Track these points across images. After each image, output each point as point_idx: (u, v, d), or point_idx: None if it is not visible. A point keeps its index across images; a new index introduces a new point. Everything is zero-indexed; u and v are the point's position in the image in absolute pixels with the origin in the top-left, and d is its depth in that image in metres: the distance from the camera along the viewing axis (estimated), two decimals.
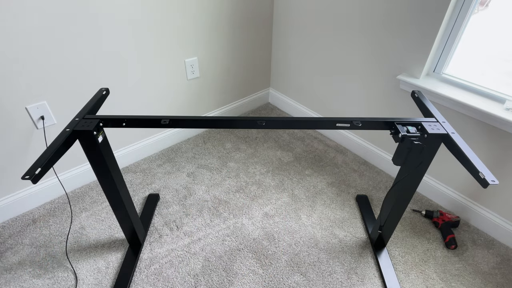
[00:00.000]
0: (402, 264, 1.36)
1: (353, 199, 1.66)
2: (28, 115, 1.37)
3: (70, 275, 1.30)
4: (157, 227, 1.50)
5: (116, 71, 1.53)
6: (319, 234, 1.47)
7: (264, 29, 2.07)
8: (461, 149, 0.87)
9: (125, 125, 1.02)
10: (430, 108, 1.06)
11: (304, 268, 1.34)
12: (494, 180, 0.78)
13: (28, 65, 1.28)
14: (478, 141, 1.36)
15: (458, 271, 1.33)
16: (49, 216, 1.54)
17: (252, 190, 1.70)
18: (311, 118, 1.02)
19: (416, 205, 1.62)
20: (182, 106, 1.92)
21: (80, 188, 1.70)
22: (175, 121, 1.01)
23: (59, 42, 1.31)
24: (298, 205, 1.61)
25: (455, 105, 1.36)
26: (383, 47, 1.53)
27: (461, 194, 1.53)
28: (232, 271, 1.32)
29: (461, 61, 1.42)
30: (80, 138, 0.97)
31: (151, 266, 1.33)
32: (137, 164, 1.86)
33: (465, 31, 1.31)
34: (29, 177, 0.76)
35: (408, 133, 0.93)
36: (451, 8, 1.26)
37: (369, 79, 1.67)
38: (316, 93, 2.04)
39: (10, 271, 1.31)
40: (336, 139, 2.05)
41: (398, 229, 1.50)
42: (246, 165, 1.86)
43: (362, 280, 1.29)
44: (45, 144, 1.47)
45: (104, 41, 1.43)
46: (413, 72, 1.46)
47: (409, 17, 1.37)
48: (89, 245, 1.42)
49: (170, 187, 1.71)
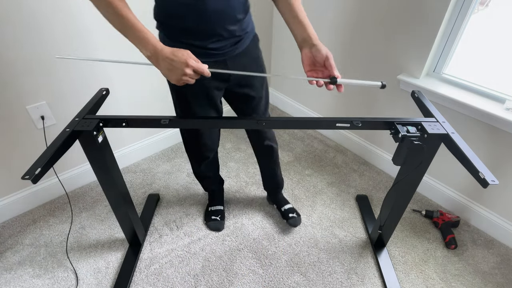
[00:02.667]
0: (402, 264, 1.35)
1: (353, 199, 1.66)
2: (28, 115, 1.37)
3: (70, 275, 1.30)
4: (157, 227, 1.50)
5: (116, 71, 1.53)
6: (319, 234, 1.47)
7: (264, 29, 2.07)
8: (461, 149, 0.87)
9: (125, 125, 1.02)
10: (430, 108, 1.06)
11: (304, 268, 1.34)
12: (494, 180, 0.78)
13: (28, 65, 1.28)
14: (478, 141, 1.36)
15: (458, 271, 1.33)
16: (49, 216, 1.54)
17: (252, 190, 1.70)
18: (311, 118, 1.02)
19: (416, 205, 1.62)
20: None
21: (80, 188, 1.70)
22: (175, 121, 1.01)
23: (59, 42, 1.31)
24: (298, 205, 1.61)
25: (455, 105, 1.36)
26: (383, 47, 1.53)
27: (461, 194, 1.53)
28: (232, 271, 1.32)
29: (461, 61, 1.42)
30: (80, 138, 0.97)
31: (151, 266, 1.33)
32: (137, 164, 1.86)
33: (465, 31, 1.31)
34: (29, 177, 0.76)
35: (408, 133, 0.93)
36: (451, 7, 1.26)
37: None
38: (316, 93, 2.04)
39: (10, 271, 1.31)
40: (336, 139, 2.05)
41: (398, 229, 1.50)
42: (246, 165, 1.86)
43: (362, 280, 1.29)
44: (45, 144, 1.47)
45: (104, 41, 1.43)
46: (413, 72, 1.46)
47: (409, 17, 1.37)
48: (89, 245, 1.42)
49: (170, 187, 1.71)
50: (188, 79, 0.80)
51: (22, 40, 1.22)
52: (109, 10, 0.76)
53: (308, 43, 0.87)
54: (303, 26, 0.88)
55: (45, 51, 1.29)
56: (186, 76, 0.79)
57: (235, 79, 1.05)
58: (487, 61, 1.50)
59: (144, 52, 0.79)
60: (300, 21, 0.89)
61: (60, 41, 1.31)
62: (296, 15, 0.89)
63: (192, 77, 0.81)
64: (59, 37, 1.30)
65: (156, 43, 0.79)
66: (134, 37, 0.79)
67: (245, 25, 0.98)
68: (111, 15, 0.77)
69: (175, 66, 0.78)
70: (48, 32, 1.26)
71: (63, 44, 1.33)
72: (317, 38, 0.88)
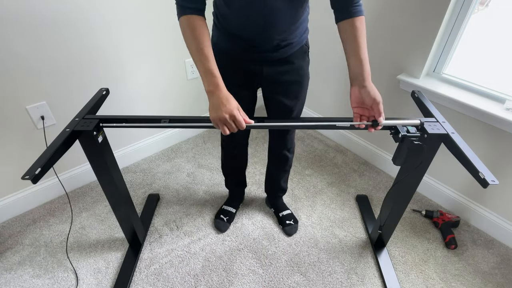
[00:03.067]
0: (402, 264, 1.35)
1: (353, 199, 1.66)
2: (28, 115, 1.37)
3: (70, 275, 1.30)
4: (157, 227, 1.50)
5: (116, 71, 1.53)
6: (319, 234, 1.47)
7: None
8: (461, 149, 0.87)
9: (125, 125, 1.02)
10: (430, 108, 1.06)
11: (304, 268, 1.34)
12: (494, 180, 0.78)
13: (28, 65, 1.28)
14: (478, 141, 1.36)
15: (458, 271, 1.33)
16: (49, 216, 1.54)
17: (252, 190, 1.70)
18: (311, 118, 1.02)
19: (416, 205, 1.62)
20: (182, 106, 1.92)
21: (80, 188, 1.70)
22: (175, 121, 1.01)
23: (59, 42, 1.31)
24: (298, 205, 1.61)
25: (455, 105, 1.36)
26: (383, 47, 1.53)
27: (461, 194, 1.53)
28: (232, 271, 1.32)
29: (461, 61, 1.42)
30: (80, 138, 0.97)
31: (151, 266, 1.33)
32: (137, 164, 1.86)
33: (465, 31, 1.31)
34: (29, 177, 0.76)
35: (408, 133, 0.93)
36: (451, 7, 1.26)
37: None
38: (316, 93, 2.04)
39: (10, 271, 1.31)
40: (336, 139, 2.05)
41: (398, 229, 1.50)
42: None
43: (362, 280, 1.29)
44: (45, 144, 1.47)
45: (104, 41, 1.43)
46: (413, 72, 1.46)
47: (409, 17, 1.37)
48: (89, 245, 1.42)
49: (170, 187, 1.71)
50: (224, 127, 0.84)
51: (22, 40, 1.22)
52: (193, 43, 0.83)
53: (360, 82, 0.86)
54: (360, 62, 0.86)
55: (45, 50, 1.29)
56: (224, 122, 0.83)
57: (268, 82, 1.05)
58: (487, 61, 1.50)
59: (206, 86, 0.84)
60: (358, 56, 0.86)
61: (60, 41, 1.31)
62: (356, 49, 0.86)
63: (228, 126, 0.84)
64: (59, 37, 1.30)
65: (219, 83, 0.84)
66: (205, 71, 0.83)
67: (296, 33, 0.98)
68: (193, 46, 0.83)
69: (221, 109, 0.82)
70: (48, 31, 1.26)
71: (63, 44, 1.33)
72: (369, 78, 0.86)
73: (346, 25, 0.87)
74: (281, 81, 1.04)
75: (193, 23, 0.82)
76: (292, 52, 1.01)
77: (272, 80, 1.04)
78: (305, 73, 1.08)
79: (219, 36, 0.99)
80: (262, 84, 1.08)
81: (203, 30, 0.83)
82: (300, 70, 1.06)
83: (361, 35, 0.86)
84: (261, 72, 1.01)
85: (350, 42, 0.87)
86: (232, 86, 1.02)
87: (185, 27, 0.83)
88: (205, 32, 0.84)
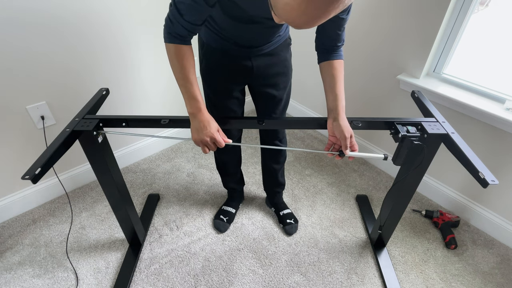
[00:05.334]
0: (402, 264, 1.35)
1: (353, 199, 1.66)
2: (28, 115, 1.37)
3: (70, 275, 1.30)
4: (157, 227, 1.50)
5: (116, 71, 1.53)
6: (319, 234, 1.47)
7: None
8: (461, 149, 0.87)
9: (125, 125, 1.02)
10: (430, 108, 1.06)
11: (304, 268, 1.34)
12: (494, 180, 0.78)
13: (28, 65, 1.28)
14: (478, 141, 1.36)
15: (458, 271, 1.33)
16: (49, 216, 1.54)
17: (252, 190, 1.70)
18: (311, 118, 1.02)
19: (416, 205, 1.62)
20: (182, 106, 1.92)
21: (80, 188, 1.70)
22: (175, 121, 1.01)
23: (59, 42, 1.31)
24: (298, 205, 1.61)
25: (455, 105, 1.36)
26: (383, 47, 1.53)
27: (461, 194, 1.53)
28: (232, 271, 1.32)
29: (461, 61, 1.42)
30: (80, 138, 0.97)
31: (151, 266, 1.33)
32: (137, 164, 1.86)
33: (465, 31, 1.31)
34: (29, 177, 0.76)
35: (408, 133, 0.93)
36: (451, 7, 1.26)
37: (369, 79, 1.67)
38: (317, 93, 2.04)
39: (10, 271, 1.31)
40: None
41: (398, 229, 1.50)
42: (246, 165, 1.86)
43: (362, 280, 1.29)
44: (45, 144, 1.47)
45: (104, 41, 1.43)
46: (413, 72, 1.46)
47: (409, 17, 1.37)
48: (89, 245, 1.42)
49: (170, 187, 1.71)
50: (204, 147, 0.92)
51: (22, 40, 1.22)
52: (180, 70, 0.87)
53: (334, 115, 0.97)
54: (336, 97, 0.97)
55: (45, 50, 1.29)
56: (205, 144, 0.91)
57: (257, 75, 1.10)
58: (487, 61, 1.50)
59: (189, 108, 0.91)
60: (334, 92, 0.97)
61: (61, 41, 1.31)
62: (333, 86, 0.97)
63: (208, 147, 0.92)
64: (59, 37, 1.30)
65: (202, 107, 0.91)
66: (189, 95, 0.89)
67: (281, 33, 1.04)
68: (179, 73, 0.88)
69: (202, 132, 0.90)
70: (48, 31, 1.27)
71: (64, 44, 1.33)
72: (343, 113, 0.97)
73: (327, 65, 0.98)
74: (269, 73, 1.10)
75: (181, 51, 0.86)
76: (278, 45, 1.07)
77: (261, 74, 1.10)
78: (289, 64, 1.15)
79: (210, 36, 1.02)
80: (252, 78, 1.12)
81: (190, 58, 0.88)
82: (286, 62, 1.13)
83: (338, 74, 0.97)
84: (251, 67, 1.06)
85: (328, 79, 0.98)
86: (224, 82, 1.09)
87: (172, 54, 0.86)
88: (191, 60, 0.88)
